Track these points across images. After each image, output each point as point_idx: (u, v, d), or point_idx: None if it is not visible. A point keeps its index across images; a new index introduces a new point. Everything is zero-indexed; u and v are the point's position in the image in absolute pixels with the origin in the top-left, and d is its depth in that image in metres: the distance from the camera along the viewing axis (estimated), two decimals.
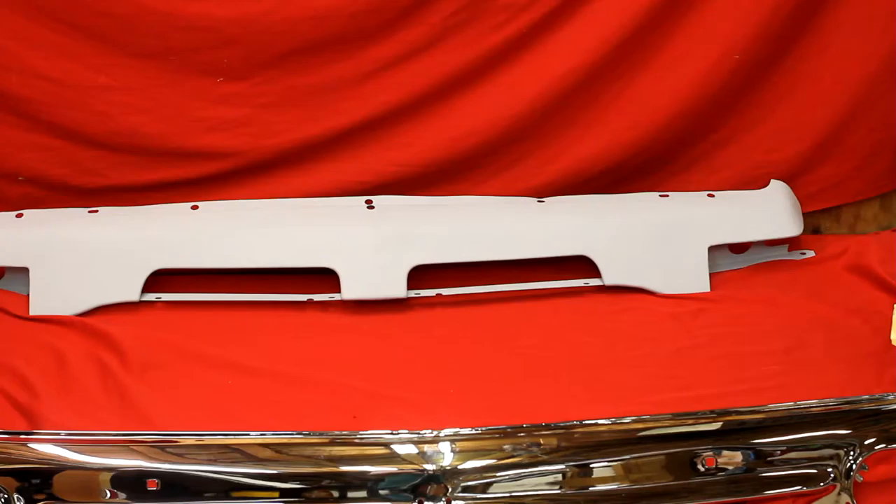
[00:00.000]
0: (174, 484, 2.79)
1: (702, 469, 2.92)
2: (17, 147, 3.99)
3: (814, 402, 3.02)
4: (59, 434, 2.86)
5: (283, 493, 2.82)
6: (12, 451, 2.79)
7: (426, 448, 2.86)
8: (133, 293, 3.77)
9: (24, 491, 2.75)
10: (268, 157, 4.09)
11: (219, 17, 3.92)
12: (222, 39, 3.94)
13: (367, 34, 4.01)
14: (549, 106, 4.11)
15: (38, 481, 2.76)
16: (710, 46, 4.11)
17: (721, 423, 2.98)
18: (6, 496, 2.74)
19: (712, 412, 3.00)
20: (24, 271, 3.76)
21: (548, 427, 2.93)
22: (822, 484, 2.95)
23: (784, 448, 2.95)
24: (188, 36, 3.93)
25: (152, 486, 2.78)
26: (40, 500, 2.76)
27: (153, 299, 3.79)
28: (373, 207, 3.96)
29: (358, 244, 3.83)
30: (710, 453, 2.92)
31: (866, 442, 2.96)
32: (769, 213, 4.04)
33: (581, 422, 2.94)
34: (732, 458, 2.94)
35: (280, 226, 3.88)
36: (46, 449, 2.80)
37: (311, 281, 3.85)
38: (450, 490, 2.83)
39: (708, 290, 3.92)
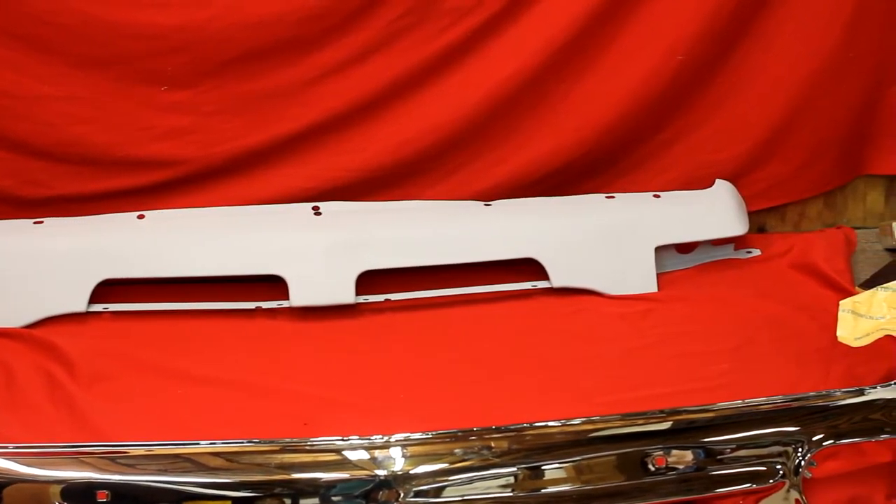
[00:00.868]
0: (124, 495, 2.77)
1: (652, 469, 2.93)
2: None
3: (762, 399, 3.04)
4: (7, 447, 2.83)
5: (236, 501, 2.81)
6: None
7: (377, 454, 2.86)
8: (80, 304, 3.75)
9: None
10: (214, 165, 4.08)
11: (163, 24, 3.90)
12: (167, 47, 3.93)
13: (313, 40, 4.01)
14: (495, 109, 4.12)
15: None
16: (653, 47, 4.13)
17: (671, 422, 3.00)
18: None
19: (662, 412, 3.01)
20: None
21: (498, 430, 2.93)
22: (771, 481, 2.97)
23: (734, 446, 2.97)
24: (133, 44, 3.92)
25: (102, 497, 2.76)
26: None
27: (100, 310, 3.77)
28: (320, 214, 3.95)
29: (305, 251, 3.83)
30: (661, 453, 2.94)
31: (814, 438, 2.98)
32: (715, 212, 4.07)
33: (532, 424, 2.95)
34: (683, 457, 2.95)
35: (227, 233, 3.87)
36: None
37: (260, 288, 3.85)
38: (402, 495, 2.83)
39: (656, 290, 3.94)
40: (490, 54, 4.09)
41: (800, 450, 2.96)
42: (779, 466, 2.96)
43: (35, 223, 3.89)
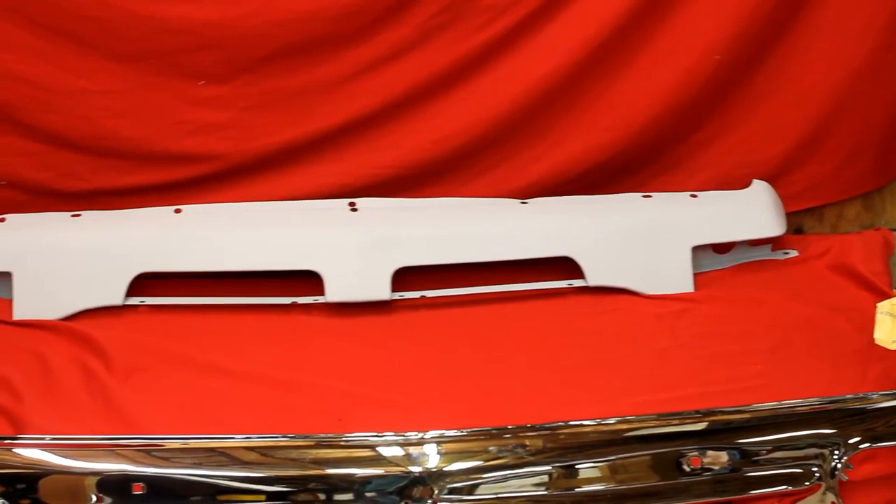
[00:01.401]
0: (160, 488, 2.79)
1: (687, 469, 2.93)
2: None
3: (798, 401, 3.03)
4: (43, 439, 2.85)
5: (269, 496, 2.82)
6: None
7: (412, 450, 2.86)
8: (117, 297, 3.76)
9: (10, 496, 2.74)
10: (250, 161, 4.08)
11: (199, 20, 3.91)
12: (203, 42, 3.93)
13: (349, 37, 4.00)
14: (531, 107, 4.11)
15: (23, 486, 2.76)
16: (691, 47, 4.11)
17: (706, 423, 2.99)
18: None
19: (697, 412, 3.01)
20: (6, 276, 3.75)
21: (533, 428, 2.93)
22: (807, 483, 2.96)
23: (769, 448, 2.96)
24: (169, 39, 3.92)
25: (138, 489, 2.78)
26: None
27: (137, 303, 3.78)
28: (356, 210, 3.95)
29: (341, 247, 3.83)
30: (696, 453, 2.93)
31: (851, 441, 2.97)
32: (752, 213, 4.05)
33: (566, 423, 2.95)
34: (718, 458, 2.94)
35: (263, 229, 3.88)
36: (31, 454, 2.80)
37: (295, 284, 3.85)
38: (436, 492, 2.83)
39: (692, 290, 3.92)
40: (526, 52, 4.09)
41: (836, 452, 2.95)
42: (815, 469, 2.96)
43: (73, 216, 3.90)
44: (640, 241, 3.94)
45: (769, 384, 3.41)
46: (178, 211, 3.94)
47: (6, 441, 2.85)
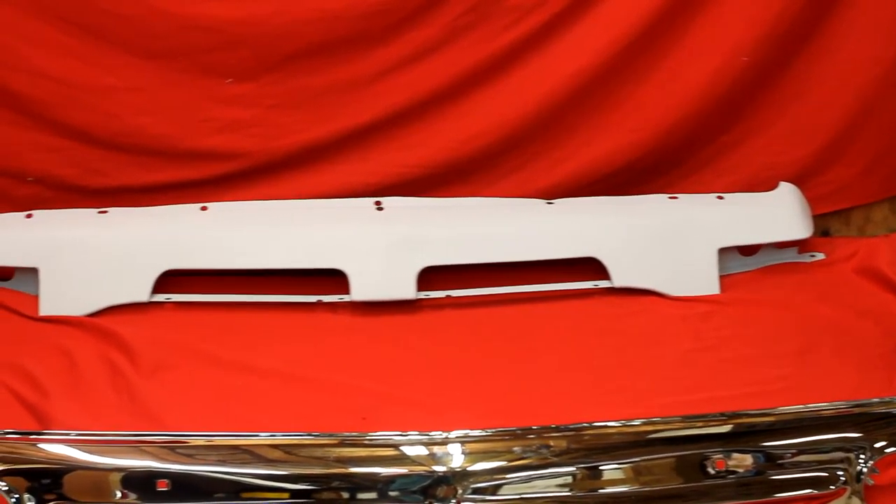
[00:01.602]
0: (184, 484, 2.79)
1: (712, 472, 2.92)
2: (26, 147, 4.00)
3: (824, 404, 3.01)
4: (69, 434, 2.86)
5: (293, 494, 2.82)
6: (23, 451, 2.79)
7: (436, 450, 2.86)
8: (143, 294, 3.77)
9: (35, 491, 2.75)
10: (277, 158, 4.09)
11: (227, 18, 3.92)
12: (230, 40, 3.95)
13: (376, 35, 4.01)
14: (558, 107, 4.11)
15: (48, 481, 2.76)
16: (718, 48, 4.11)
17: (731, 425, 2.98)
18: (17, 496, 2.74)
19: (722, 415, 3.00)
20: (33, 272, 3.76)
21: (557, 429, 2.92)
22: (832, 487, 2.95)
23: (794, 451, 2.95)
24: (196, 37, 3.94)
25: (162, 486, 2.78)
26: (51, 501, 2.76)
27: (163, 300, 3.79)
28: (382, 209, 3.96)
29: (367, 245, 3.84)
30: (721, 456, 2.92)
31: (877, 445, 2.95)
32: (779, 215, 4.04)
33: (591, 424, 2.94)
34: (743, 461, 2.93)
35: (289, 227, 3.89)
36: (57, 449, 2.80)
37: (321, 282, 3.85)
38: (459, 492, 2.83)
39: (717, 292, 3.91)
40: (553, 52, 4.08)
41: (862, 456, 2.94)
42: (840, 473, 2.94)
43: (99, 213, 3.91)
44: (666, 242, 3.93)
45: (795, 387, 3.41)
46: (204, 208, 3.95)
47: (32, 436, 2.85)
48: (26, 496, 2.75)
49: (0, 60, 3.89)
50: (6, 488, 2.74)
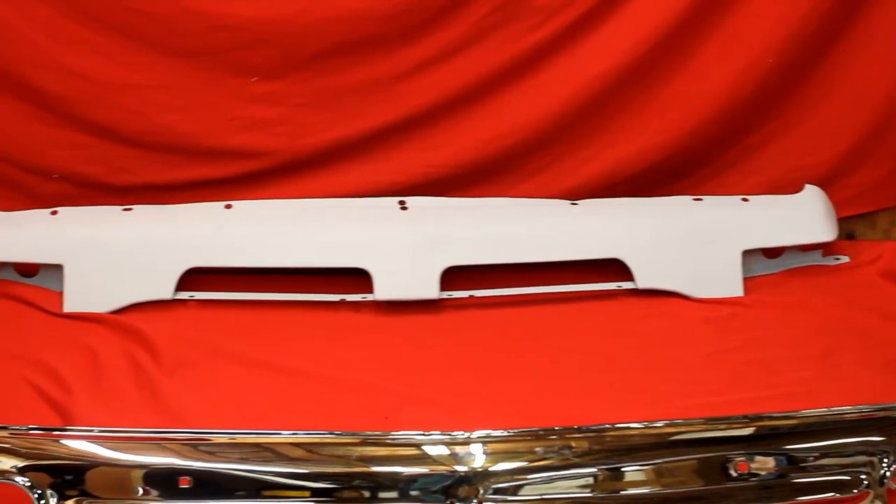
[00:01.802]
0: (206, 482, 2.79)
1: (734, 474, 2.90)
2: (52, 144, 4.02)
3: (847, 408, 3.00)
4: (91, 431, 2.86)
5: (314, 492, 2.82)
6: (46, 447, 2.80)
7: (458, 449, 2.85)
8: (166, 291, 3.78)
9: (57, 487, 2.76)
10: (301, 157, 4.10)
11: (253, 16, 3.93)
12: (257, 39, 3.95)
13: (402, 35, 4.01)
14: (583, 108, 4.10)
15: (70, 478, 2.77)
16: (743, 50, 4.10)
17: (754, 428, 2.97)
18: (40, 492, 2.74)
19: (745, 417, 2.98)
20: (58, 268, 3.78)
21: (579, 430, 2.91)
22: (855, 491, 2.93)
23: (817, 454, 2.93)
24: (223, 35, 3.95)
25: (184, 483, 2.78)
26: (73, 497, 2.76)
27: (186, 297, 3.80)
28: (406, 208, 3.96)
29: (391, 245, 3.84)
30: (743, 458, 2.91)
31: None
32: (803, 217, 4.02)
33: (613, 425, 2.93)
34: (765, 464, 2.92)
35: (314, 225, 3.89)
36: (79, 445, 2.81)
37: (344, 281, 3.85)
38: (481, 492, 2.82)
39: (741, 294, 3.90)
40: (579, 53, 4.08)
41: (885, 460, 2.92)
42: (863, 476, 2.92)
43: (124, 210, 3.93)
44: (691, 244, 3.92)
45: (818, 390, 3.39)
46: (228, 206, 3.96)
47: (55, 433, 2.86)
48: (49, 492, 2.76)
49: (27, 57, 3.91)
50: (29, 484, 2.75)
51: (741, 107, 4.16)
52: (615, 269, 3.91)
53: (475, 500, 2.82)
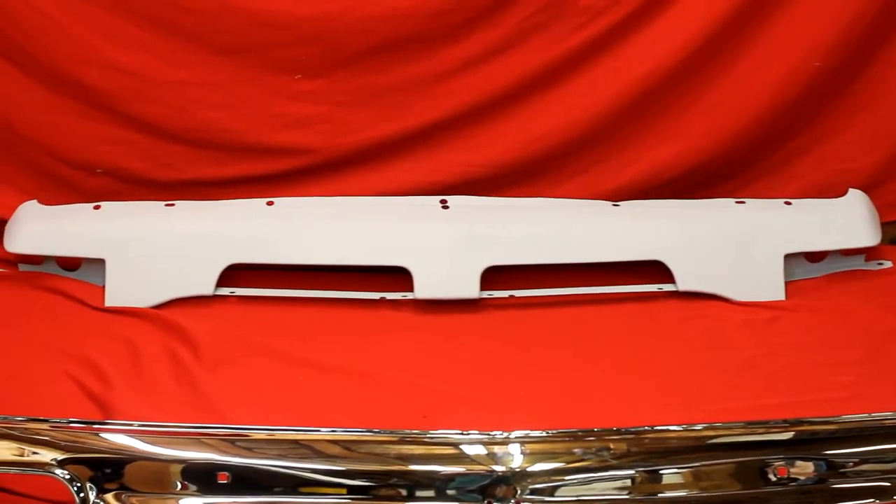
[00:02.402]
0: (244, 477, 2.80)
1: (773, 478, 2.89)
2: (96, 139, 4.04)
3: (888, 413, 2.97)
4: (131, 425, 2.87)
5: (351, 489, 2.82)
6: (85, 440, 2.81)
7: (496, 449, 2.85)
8: (208, 287, 3.79)
9: (97, 480, 2.77)
10: (343, 155, 4.10)
11: (297, 14, 3.94)
12: (300, 37, 3.97)
13: (445, 35, 4.01)
14: (626, 109, 4.09)
15: (109, 471, 2.78)
16: (790, 53, 4.08)
17: (793, 432, 2.95)
18: (79, 485, 2.76)
19: (785, 421, 2.97)
20: (100, 263, 3.80)
21: (618, 432, 2.90)
22: (895, 497, 2.91)
23: (857, 460, 2.91)
24: (266, 33, 3.96)
25: (223, 479, 2.79)
26: (112, 490, 2.78)
27: (227, 293, 3.81)
28: (447, 207, 3.96)
29: (432, 244, 3.84)
30: (782, 463, 2.89)
31: None
32: (847, 222, 3.99)
33: (652, 427, 2.92)
34: (804, 469, 2.90)
35: (355, 223, 3.90)
36: (119, 439, 2.82)
37: (384, 279, 3.86)
38: (518, 492, 2.82)
39: (783, 298, 3.88)
40: (623, 54, 4.07)
41: None
42: None
43: (166, 205, 3.94)
44: (732, 247, 3.90)
45: (859, 395, 3.37)
46: (270, 203, 3.96)
47: (94, 426, 2.88)
48: (88, 485, 2.77)
49: (73, 53, 3.94)
50: (68, 477, 2.77)
51: (786, 109, 4.14)
52: (656, 270, 3.90)
53: (512, 501, 2.82)
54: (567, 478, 2.86)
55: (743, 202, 4.05)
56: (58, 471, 2.77)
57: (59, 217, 3.90)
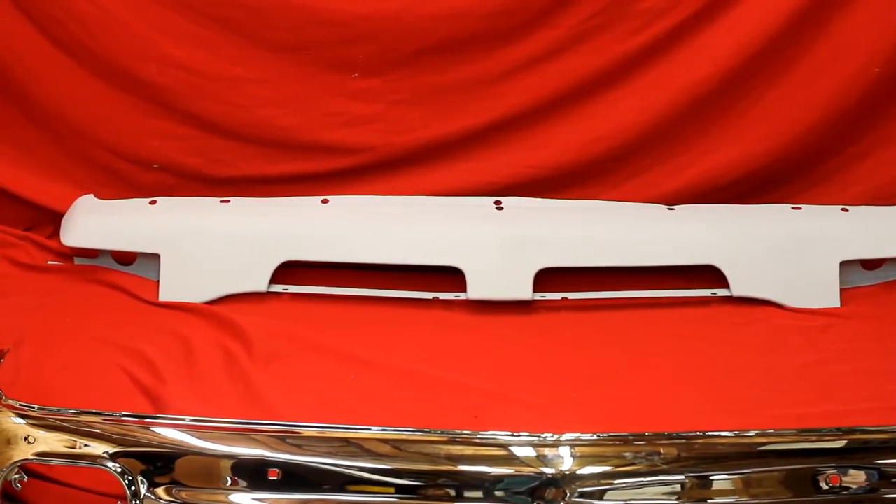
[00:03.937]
0: (294, 474, 2.81)
1: (824, 487, 2.87)
2: (153, 135, 4.07)
3: None
4: (183, 419, 2.89)
5: (399, 489, 2.82)
6: (137, 434, 2.83)
7: (546, 451, 2.84)
8: (261, 284, 3.81)
9: (148, 474, 2.79)
10: (398, 154, 4.11)
11: (354, 13, 3.95)
12: (357, 35, 3.98)
13: (503, 35, 4.01)
14: (683, 113, 4.08)
15: (160, 465, 2.80)
16: (849, 59, 4.05)
17: (845, 441, 2.93)
18: (130, 478, 2.78)
19: (838, 429, 2.94)
20: (155, 258, 3.82)
21: (668, 436, 2.89)
22: None
23: None
24: (323, 31, 3.97)
25: (273, 475, 2.80)
26: (162, 484, 2.79)
27: (280, 290, 3.82)
28: (501, 208, 3.96)
29: (485, 244, 3.83)
30: (834, 471, 2.87)
31: None
32: None
33: (703, 433, 2.91)
34: (856, 478, 2.88)
35: (409, 223, 3.90)
36: (170, 433, 2.83)
37: (438, 279, 3.86)
38: (567, 495, 2.81)
39: (838, 305, 3.85)
40: (681, 57, 4.06)
41: None
42: None
43: (221, 202, 3.97)
44: (788, 253, 3.88)
45: None
46: (324, 201, 3.98)
47: (146, 420, 2.89)
48: (139, 479, 2.79)
49: (130, 49, 3.97)
50: (120, 470, 2.79)
51: (844, 115, 4.12)
52: (710, 275, 3.88)
53: (561, 503, 2.81)
54: (616, 482, 2.85)
55: (799, 208, 4.02)
56: (109, 464, 2.80)
57: (114, 211, 3.93)
